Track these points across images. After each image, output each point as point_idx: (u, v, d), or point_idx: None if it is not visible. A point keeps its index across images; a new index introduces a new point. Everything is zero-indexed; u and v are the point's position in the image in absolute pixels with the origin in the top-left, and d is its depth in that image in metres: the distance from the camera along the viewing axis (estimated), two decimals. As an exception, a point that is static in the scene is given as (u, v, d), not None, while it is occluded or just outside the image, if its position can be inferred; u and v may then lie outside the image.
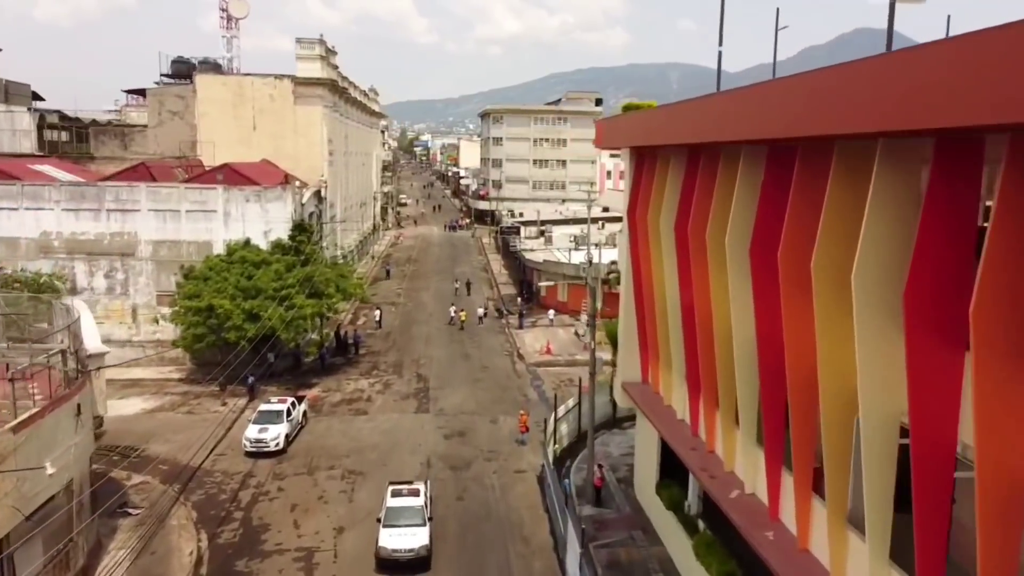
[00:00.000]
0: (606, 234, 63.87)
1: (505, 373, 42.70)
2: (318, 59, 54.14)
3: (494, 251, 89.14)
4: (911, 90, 9.07)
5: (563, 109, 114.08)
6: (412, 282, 69.68)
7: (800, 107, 12.19)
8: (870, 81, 9.92)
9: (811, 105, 11.83)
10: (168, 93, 53.37)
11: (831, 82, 11.26)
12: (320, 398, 38.38)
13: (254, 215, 44.30)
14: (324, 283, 41.28)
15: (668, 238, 21.36)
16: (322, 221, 52.54)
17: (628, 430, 33.73)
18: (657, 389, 24.73)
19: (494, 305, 59.62)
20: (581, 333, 49.79)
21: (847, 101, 10.71)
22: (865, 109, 10.13)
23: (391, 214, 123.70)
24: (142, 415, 36.16)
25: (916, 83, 9.01)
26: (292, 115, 54.28)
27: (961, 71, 7.97)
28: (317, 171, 55.01)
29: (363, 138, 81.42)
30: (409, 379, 41.49)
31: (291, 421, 32.45)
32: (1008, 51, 7.28)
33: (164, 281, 44.48)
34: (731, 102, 14.88)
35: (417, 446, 32.14)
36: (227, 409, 36.68)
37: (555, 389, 39.92)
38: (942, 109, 8.32)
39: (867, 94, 10.00)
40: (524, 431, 32.40)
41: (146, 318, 44.17)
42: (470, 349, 47.60)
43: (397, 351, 46.95)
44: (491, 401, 37.88)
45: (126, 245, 44.13)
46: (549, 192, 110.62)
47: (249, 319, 38.50)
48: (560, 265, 57.41)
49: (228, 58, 66.17)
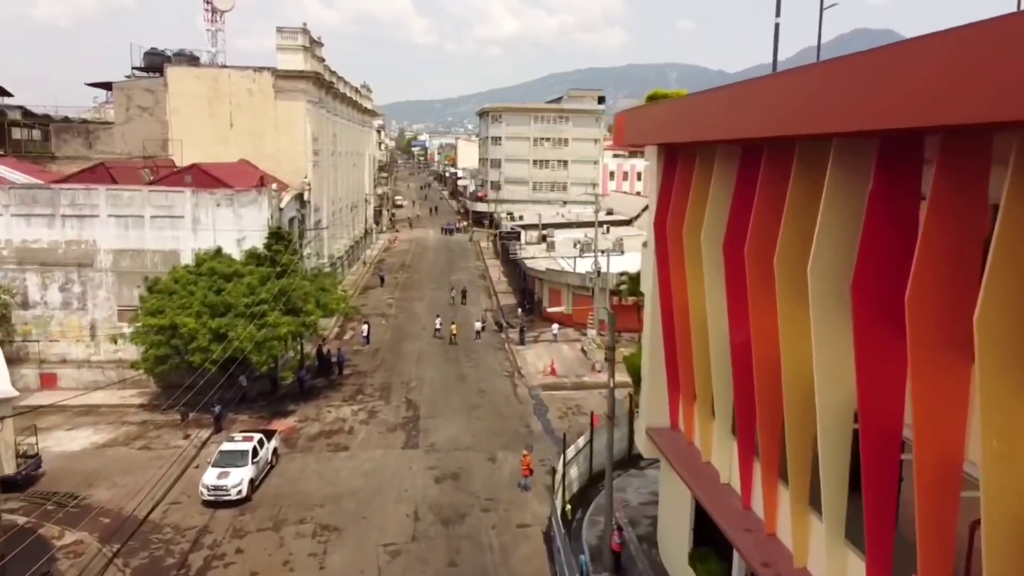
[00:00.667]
0: (612, 239, 59.38)
1: (505, 398, 38.23)
2: (301, 50, 49.61)
3: (493, 256, 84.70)
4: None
5: (564, 107, 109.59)
6: (405, 291, 65.14)
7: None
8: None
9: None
10: (136, 87, 48.81)
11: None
12: (296, 429, 33.92)
13: (226, 221, 39.87)
14: (302, 298, 36.81)
15: (713, 256, 16.93)
16: (304, 227, 48.07)
17: (648, 471, 29.37)
18: (690, 438, 20.30)
19: (493, 317, 55.11)
20: (588, 350, 45.36)
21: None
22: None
23: (385, 216, 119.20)
24: (91, 451, 31.69)
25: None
26: (273, 111, 49.78)
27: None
28: (300, 172, 50.52)
29: (354, 137, 76.91)
30: (397, 405, 37.01)
31: (257, 463, 27.99)
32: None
33: (126, 295, 40.08)
34: (839, 74, 10.39)
35: (403, 492, 27.68)
36: (189, 443, 32.26)
37: (562, 417, 35.52)
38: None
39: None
40: (527, 474, 27.92)
41: (106, 336, 39.68)
42: (466, 369, 43.13)
43: (385, 371, 42.47)
44: (489, 433, 33.42)
45: (83, 255, 39.70)
46: (550, 194, 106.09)
47: (216, 339, 34.09)
48: (564, 274, 52.95)
49: (213, 53, 61.57)
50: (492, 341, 49.29)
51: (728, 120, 14.66)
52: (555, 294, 54.42)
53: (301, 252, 42.62)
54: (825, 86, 10.75)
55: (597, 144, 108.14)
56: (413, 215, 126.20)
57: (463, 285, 64.36)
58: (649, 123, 19.92)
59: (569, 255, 57.86)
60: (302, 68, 49.67)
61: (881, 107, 9.03)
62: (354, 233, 76.82)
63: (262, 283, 36.42)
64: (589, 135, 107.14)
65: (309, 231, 48.58)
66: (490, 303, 61.35)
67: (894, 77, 8.77)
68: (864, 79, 9.43)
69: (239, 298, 35.37)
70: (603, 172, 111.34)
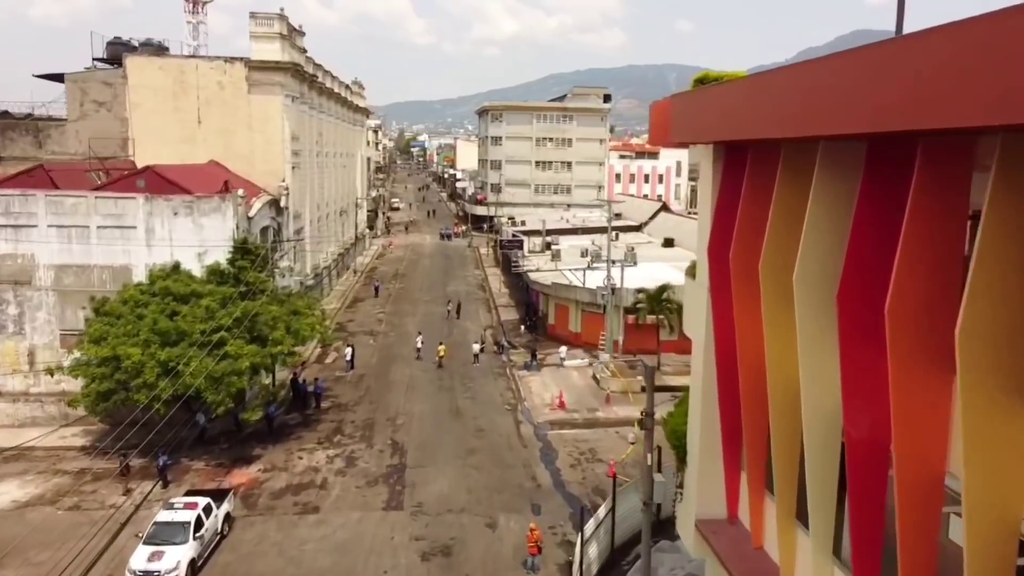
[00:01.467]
0: (623, 246, 54.02)
1: (506, 440, 32.85)
2: (277, 38, 44.22)
3: (493, 264, 79.32)
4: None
5: (568, 106, 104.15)
6: (397, 304, 59.68)
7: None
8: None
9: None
10: (92, 80, 43.37)
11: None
12: (257, 482, 28.57)
13: (185, 232, 34.60)
14: (268, 323, 31.47)
15: (812, 303, 11.59)
16: (279, 238, 42.70)
17: (679, 541, 23.98)
18: (759, 541, 14.91)
19: (492, 337, 49.68)
20: (600, 377, 40.01)
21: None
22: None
23: (381, 220, 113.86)
24: (8, 512, 26.35)
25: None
26: (246, 106, 44.42)
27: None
28: (278, 174, 45.18)
29: (343, 136, 71.56)
30: (381, 449, 31.65)
31: (202, 537, 22.63)
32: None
33: (70, 317, 34.88)
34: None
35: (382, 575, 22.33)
36: (129, 500, 26.98)
37: (574, 465, 30.19)
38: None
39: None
40: (535, 552, 22.53)
41: (48, 364, 34.31)
42: (462, 400, 37.73)
43: (370, 404, 37.09)
44: (488, 488, 28.03)
45: (20, 271, 34.44)
46: (553, 196, 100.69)
47: (166, 373, 28.81)
48: (572, 289, 47.59)
49: (195, 46, 56.40)
50: (492, 365, 43.89)
51: (860, 102, 9.27)
52: (562, 311, 49.08)
53: (272, 267, 37.26)
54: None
55: (603, 144, 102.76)
56: (410, 219, 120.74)
57: (459, 298, 59.00)
58: (709, 112, 14.55)
59: (576, 266, 52.55)
60: (279, 58, 44.30)
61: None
62: (344, 239, 71.48)
63: (223, 305, 31.13)
64: (594, 135, 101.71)
65: (285, 242, 43.20)
66: (490, 318, 55.96)
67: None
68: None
69: (195, 324, 30.09)
70: (609, 174, 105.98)
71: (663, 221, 72.94)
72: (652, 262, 53.19)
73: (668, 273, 50.05)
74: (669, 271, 50.69)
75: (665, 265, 52.96)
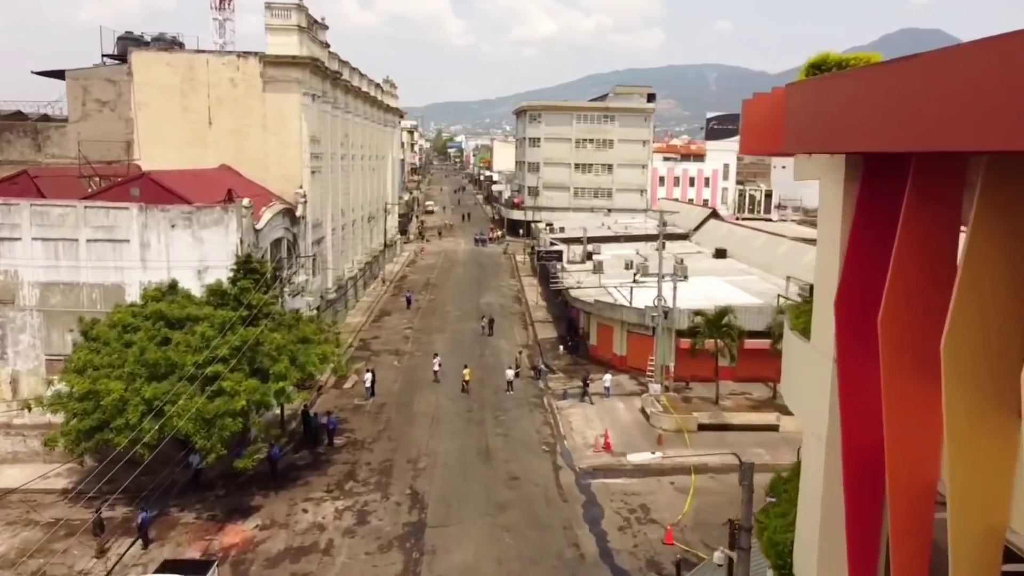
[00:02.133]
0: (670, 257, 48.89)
1: (543, 491, 28.28)
2: (295, 30, 40.22)
3: (529, 272, 74.79)
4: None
5: (610, 106, 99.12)
6: (425, 319, 55.44)
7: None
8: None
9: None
10: (95, 77, 39.82)
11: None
12: (252, 543, 24.43)
13: (183, 247, 30.75)
14: (271, 354, 27.33)
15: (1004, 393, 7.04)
16: (296, 252, 38.65)
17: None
18: None
19: (529, 359, 45.10)
20: (651, 412, 35.20)
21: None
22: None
23: (414, 224, 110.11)
24: (-39, 578, 22.58)
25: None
26: (260, 105, 40.52)
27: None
28: (295, 180, 41.23)
29: (373, 138, 67.64)
30: (398, 501, 27.31)
31: (170, 631, 18.53)
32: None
33: (57, 340, 31.28)
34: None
35: None
36: (101, 565, 23.07)
37: (623, 528, 25.50)
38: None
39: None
40: (580, 662, 17.94)
41: (32, 393, 30.71)
42: (493, 438, 33.25)
43: (389, 441, 32.82)
44: (522, 559, 23.49)
45: (2, 289, 30.90)
46: (593, 200, 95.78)
47: (151, 412, 24.85)
48: (617, 308, 42.83)
49: (221, 44, 52.90)
50: (528, 393, 39.32)
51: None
52: (605, 331, 44.35)
53: (281, 286, 33.22)
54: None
55: (646, 146, 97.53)
56: (444, 223, 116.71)
57: (493, 312, 54.55)
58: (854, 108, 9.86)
59: (620, 279, 47.75)
60: (296, 52, 40.30)
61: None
62: (371, 247, 67.60)
63: (221, 332, 27.10)
64: (637, 136, 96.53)
65: (298, 258, 39.16)
66: (525, 336, 51.42)
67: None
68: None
69: (187, 355, 26.11)
70: (652, 177, 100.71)
71: (713, 228, 67.68)
72: (704, 276, 48.20)
73: (724, 290, 45.06)
74: (725, 287, 45.71)
75: (719, 280, 47.94)
